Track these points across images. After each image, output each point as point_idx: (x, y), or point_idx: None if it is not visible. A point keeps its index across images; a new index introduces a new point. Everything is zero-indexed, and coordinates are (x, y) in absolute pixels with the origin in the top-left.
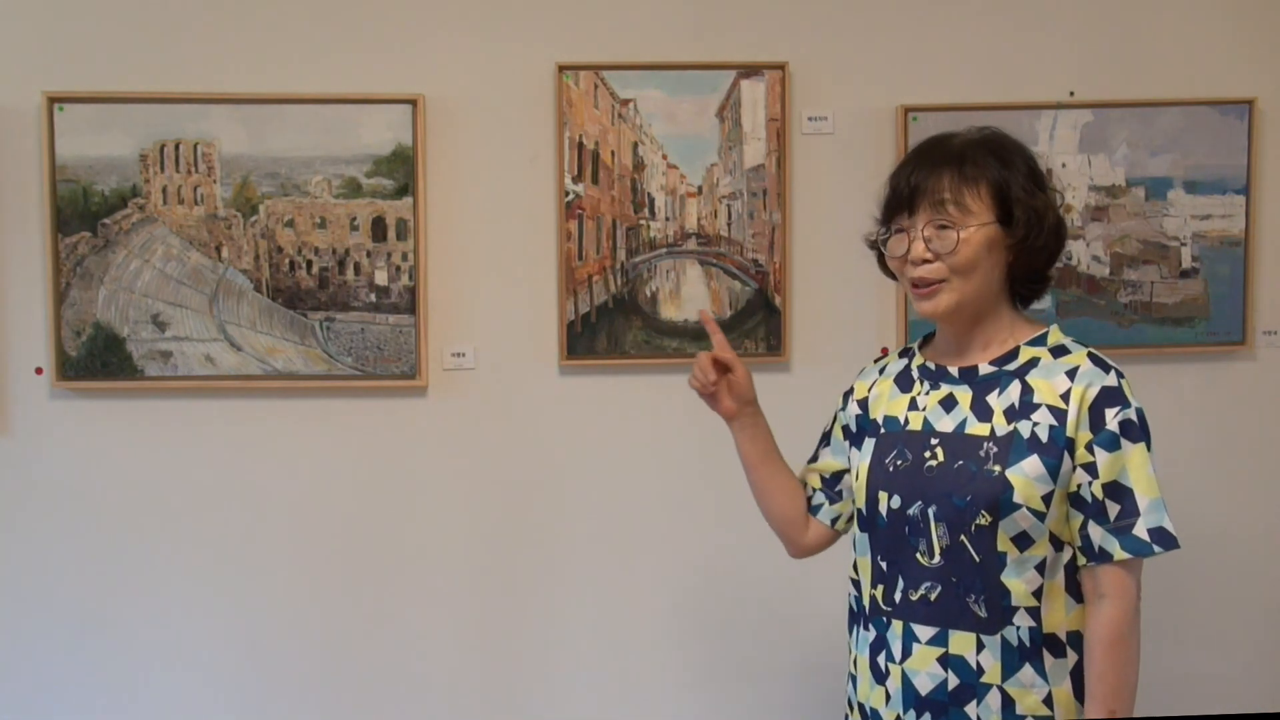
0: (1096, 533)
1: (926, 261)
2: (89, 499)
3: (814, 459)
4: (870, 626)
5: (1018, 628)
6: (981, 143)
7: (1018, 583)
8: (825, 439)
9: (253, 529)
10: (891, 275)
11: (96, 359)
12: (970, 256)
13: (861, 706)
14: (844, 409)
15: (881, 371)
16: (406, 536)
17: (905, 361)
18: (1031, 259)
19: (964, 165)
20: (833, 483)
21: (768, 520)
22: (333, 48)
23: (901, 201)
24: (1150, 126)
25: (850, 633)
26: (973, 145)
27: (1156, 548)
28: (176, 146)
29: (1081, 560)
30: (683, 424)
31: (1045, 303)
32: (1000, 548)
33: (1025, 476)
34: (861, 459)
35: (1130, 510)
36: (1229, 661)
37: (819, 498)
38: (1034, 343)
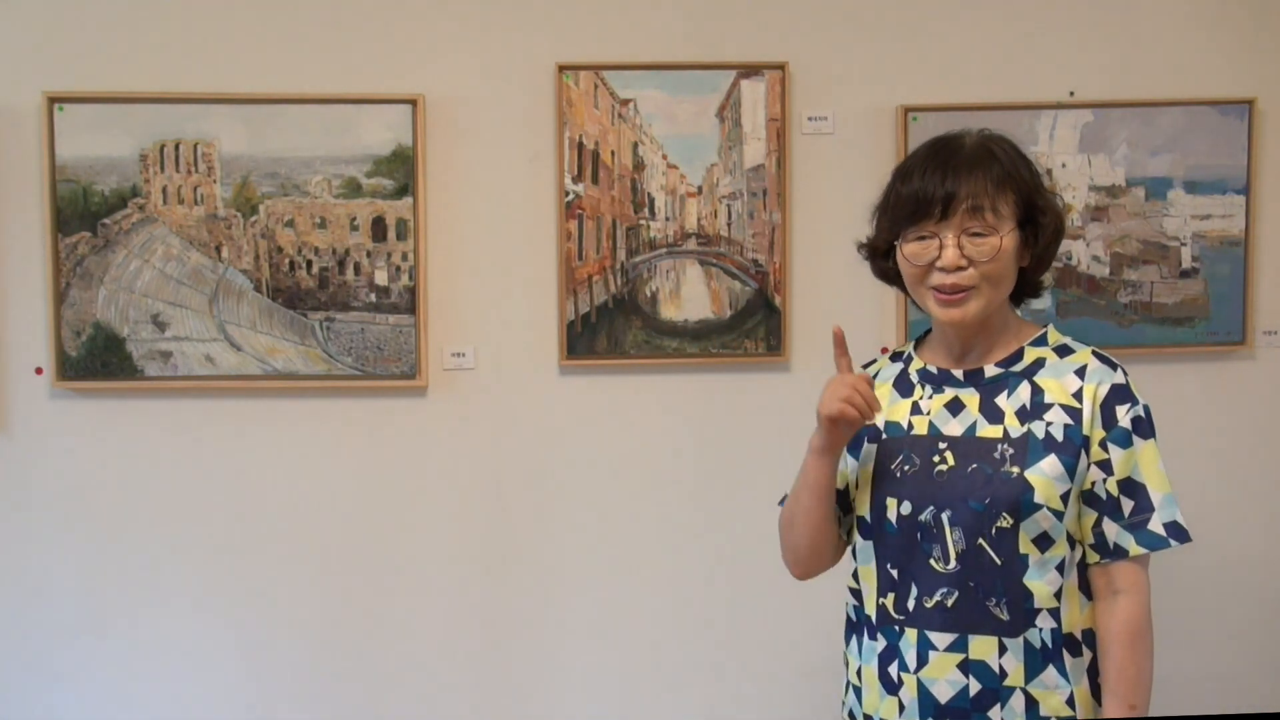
0: (1111, 529)
1: (960, 269)
2: (89, 499)
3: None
4: (879, 636)
5: (1040, 629)
6: (993, 142)
7: (1040, 584)
8: None
9: (253, 528)
10: (889, 280)
11: (96, 359)
12: (1006, 264)
13: (869, 718)
14: None
15: (875, 377)
16: (406, 536)
17: (901, 365)
18: (1044, 263)
19: (992, 167)
20: (842, 495)
21: (803, 550)
22: (333, 48)
23: (932, 205)
24: (1150, 126)
25: (848, 643)
26: (987, 145)
27: (1172, 541)
28: (176, 146)
29: (1094, 557)
30: (683, 424)
31: (1045, 302)
32: (1022, 550)
33: (1045, 476)
34: (863, 465)
35: (1145, 506)
36: (1229, 661)
37: None
38: (1036, 343)
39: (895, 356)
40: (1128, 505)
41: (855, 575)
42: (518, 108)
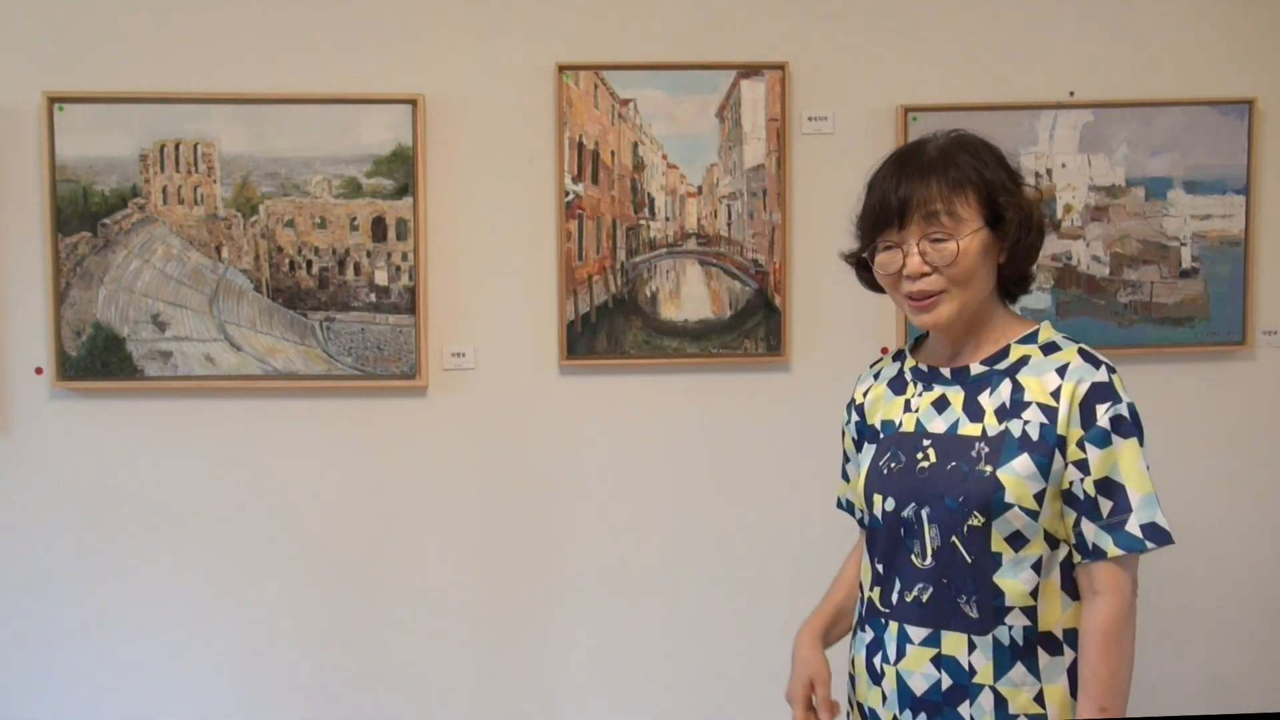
0: (1089, 530)
1: (924, 275)
2: (89, 499)
3: (845, 477)
4: (868, 628)
5: (1010, 627)
6: (958, 145)
7: (1014, 583)
8: (845, 456)
9: (253, 529)
10: (872, 288)
11: (96, 359)
12: (969, 266)
13: (860, 706)
14: (848, 421)
15: (876, 376)
16: (406, 535)
17: (898, 365)
18: (1023, 259)
19: (948, 171)
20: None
21: None
22: (333, 48)
23: (890, 215)
24: (1150, 126)
25: (853, 634)
26: (950, 149)
27: (1150, 544)
28: (176, 146)
29: (1076, 558)
30: (683, 424)
31: (1045, 302)
32: (995, 548)
33: (1016, 476)
34: (861, 464)
35: (1123, 506)
36: (1229, 661)
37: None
38: (1024, 340)
39: (896, 356)
40: (1105, 505)
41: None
42: (518, 108)
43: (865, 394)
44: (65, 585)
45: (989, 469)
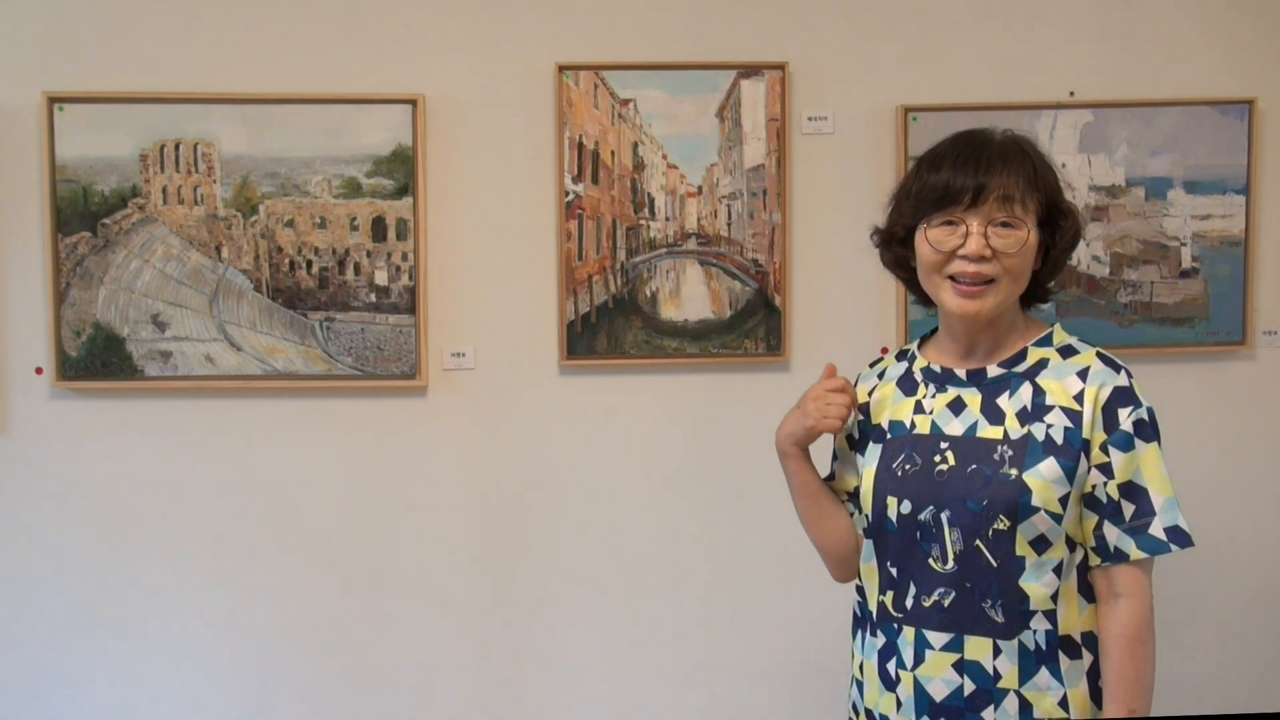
0: (1112, 533)
1: (983, 259)
2: (89, 499)
3: (831, 476)
4: (879, 633)
5: (1035, 631)
6: (1025, 143)
7: (1036, 586)
8: (835, 455)
9: (252, 529)
10: (899, 269)
11: (96, 359)
12: (1028, 258)
13: (869, 712)
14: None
15: (881, 376)
16: (406, 536)
17: (906, 364)
18: (1057, 268)
19: (1023, 164)
20: (855, 496)
21: (826, 547)
22: (333, 48)
23: (962, 193)
24: (1150, 126)
25: (854, 637)
26: (1019, 143)
27: (1173, 546)
28: (176, 146)
29: (1095, 560)
30: (682, 424)
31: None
32: (1019, 552)
33: (1043, 479)
34: (867, 465)
35: (1146, 510)
36: (1229, 661)
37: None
38: (1040, 343)
39: (900, 355)
40: (1129, 509)
41: (859, 573)
42: (518, 108)
43: (870, 393)
44: (65, 585)
45: (1014, 472)
